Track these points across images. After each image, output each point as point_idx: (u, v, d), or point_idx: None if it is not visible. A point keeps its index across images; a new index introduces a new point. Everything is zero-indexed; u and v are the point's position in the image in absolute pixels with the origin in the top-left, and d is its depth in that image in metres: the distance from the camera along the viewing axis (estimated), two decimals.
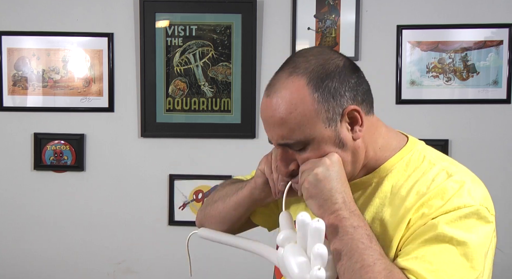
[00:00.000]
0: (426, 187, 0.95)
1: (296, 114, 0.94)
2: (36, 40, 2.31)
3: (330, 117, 0.94)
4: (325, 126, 0.94)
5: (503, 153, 2.28)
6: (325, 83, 0.94)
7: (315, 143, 0.95)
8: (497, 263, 2.43)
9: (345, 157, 0.96)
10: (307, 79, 0.94)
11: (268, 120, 0.98)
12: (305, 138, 0.95)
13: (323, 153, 0.95)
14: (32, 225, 2.36)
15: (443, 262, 0.88)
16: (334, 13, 2.28)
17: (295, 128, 0.94)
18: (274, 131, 0.97)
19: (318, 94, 0.93)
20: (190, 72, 2.30)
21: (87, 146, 2.34)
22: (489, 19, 2.25)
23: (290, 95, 0.94)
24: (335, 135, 0.95)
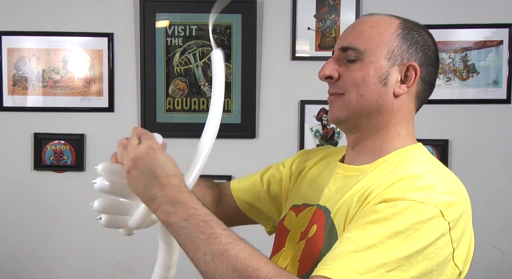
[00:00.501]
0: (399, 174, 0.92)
1: (376, 28, 1.01)
2: (36, 40, 2.31)
3: (395, 54, 0.99)
4: (386, 56, 0.99)
5: (503, 153, 2.28)
6: (412, 32, 1.02)
7: (368, 62, 0.99)
8: (497, 263, 2.45)
9: (378, 95, 0.99)
10: (401, 21, 1.05)
11: (350, 27, 1.05)
12: (365, 50, 0.99)
13: (365, 74, 0.98)
14: (32, 225, 2.36)
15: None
16: (334, 13, 2.28)
17: (365, 37, 1.00)
18: (349, 34, 1.02)
19: (403, 32, 1.01)
20: (190, 72, 2.30)
21: (87, 146, 2.34)
22: (489, 19, 2.25)
23: (382, 19, 1.04)
24: (386, 70, 0.99)
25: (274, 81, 2.30)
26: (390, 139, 1.02)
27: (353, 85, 0.99)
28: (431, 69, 1.03)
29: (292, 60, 2.28)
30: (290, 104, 2.30)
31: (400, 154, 1.00)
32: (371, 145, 1.02)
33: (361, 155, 1.03)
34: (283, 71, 2.29)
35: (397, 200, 0.86)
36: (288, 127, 2.31)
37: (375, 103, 0.99)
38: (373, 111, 0.99)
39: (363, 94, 0.99)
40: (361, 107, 0.99)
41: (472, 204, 1.00)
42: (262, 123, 2.31)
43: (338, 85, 1.01)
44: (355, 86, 0.99)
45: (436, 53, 1.04)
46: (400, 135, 1.02)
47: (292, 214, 1.11)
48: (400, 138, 1.02)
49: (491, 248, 2.25)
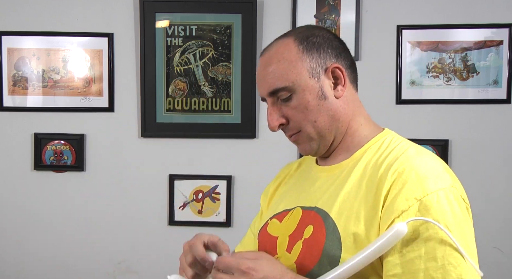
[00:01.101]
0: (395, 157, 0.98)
1: (282, 61, 1.04)
2: (36, 40, 2.31)
3: (314, 68, 1.04)
4: (309, 75, 1.03)
5: (503, 153, 2.28)
6: (310, 39, 1.06)
7: (300, 91, 1.03)
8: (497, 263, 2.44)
9: (326, 111, 1.04)
10: (294, 37, 1.07)
11: (260, 74, 1.08)
12: (292, 83, 1.03)
13: (306, 104, 1.03)
14: (32, 225, 2.36)
15: None
16: (334, 13, 2.28)
17: (282, 74, 1.03)
18: (265, 81, 1.06)
19: (303, 46, 1.05)
20: (190, 72, 2.30)
21: (87, 146, 2.34)
22: (489, 19, 2.25)
23: (278, 48, 1.06)
24: (318, 86, 1.04)
25: None
26: (356, 131, 1.08)
27: (302, 119, 1.04)
28: (345, 54, 1.08)
29: None
30: None
31: (375, 142, 1.06)
32: (342, 145, 1.08)
33: (337, 155, 1.09)
34: None
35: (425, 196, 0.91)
36: None
37: (329, 118, 1.05)
38: (332, 124, 1.05)
39: (315, 119, 1.04)
40: (321, 130, 1.05)
41: (472, 204, 1.01)
42: (262, 123, 2.31)
43: (291, 128, 1.06)
44: (304, 119, 1.04)
45: (337, 38, 1.10)
46: (362, 124, 1.09)
47: (275, 221, 1.13)
48: (363, 126, 1.08)
49: (491, 248, 2.25)
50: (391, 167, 0.96)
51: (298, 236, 1.04)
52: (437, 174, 0.94)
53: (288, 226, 1.08)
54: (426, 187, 0.91)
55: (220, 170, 2.33)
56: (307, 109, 1.03)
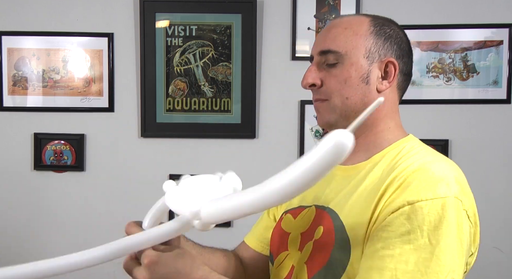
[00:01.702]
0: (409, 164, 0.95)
1: (350, 29, 1.02)
2: (36, 40, 2.31)
3: (372, 52, 1.02)
4: (365, 55, 1.02)
5: (503, 153, 2.28)
6: (384, 27, 1.04)
7: (348, 63, 1.01)
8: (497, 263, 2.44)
9: (362, 95, 1.01)
10: (371, 18, 1.06)
11: (322, 32, 1.06)
12: (345, 52, 1.01)
13: (348, 77, 1.01)
14: (32, 225, 2.36)
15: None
16: (334, 13, 2.28)
17: (342, 39, 1.02)
18: (323, 39, 1.04)
19: (375, 29, 1.03)
20: (190, 72, 2.30)
21: (87, 146, 2.34)
22: (489, 19, 2.25)
23: (352, 19, 1.05)
24: (366, 69, 1.02)
25: (274, 81, 2.30)
26: (381, 133, 1.05)
27: (336, 90, 1.02)
28: (407, 60, 1.06)
29: (292, 60, 2.28)
30: (290, 104, 2.30)
31: (396, 147, 1.03)
32: (363, 142, 1.04)
33: (355, 153, 1.02)
34: (283, 71, 2.29)
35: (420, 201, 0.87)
36: (288, 127, 2.31)
37: (361, 103, 1.02)
38: (360, 110, 1.00)
39: (348, 96, 1.02)
40: (348, 109, 1.02)
41: None
42: (262, 123, 2.31)
43: (322, 92, 1.04)
44: (338, 90, 1.02)
45: (409, 43, 1.08)
46: (390, 127, 1.06)
47: (289, 217, 1.11)
48: (390, 130, 1.06)
49: (491, 248, 2.25)
50: (401, 173, 0.93)
51: (310, 236, 1.03)
52: (444, 182, 0.90)
53: (302, 224, 1.07)
54: (424, 194, 0.88)
55: (220, 170, 2.32)
56: (346, 83, 1.01)
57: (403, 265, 0.84)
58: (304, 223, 1.06)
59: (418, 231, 0.86)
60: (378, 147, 1.03)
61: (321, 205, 1.04)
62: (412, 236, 0.86)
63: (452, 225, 0.87)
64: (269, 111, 2.31)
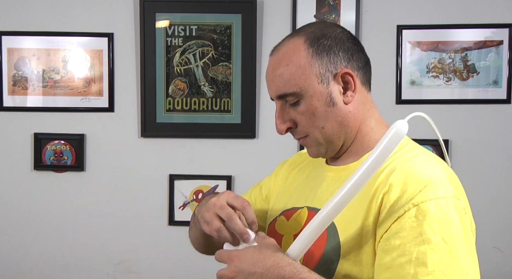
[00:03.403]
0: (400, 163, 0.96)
1: (291, 65, 1.01)
2: (36, 40, 2.31)
3: (323, 73, 1.01)
4: (318, 81, 1.01)
5: (503, 153, 2.28)
6: (320, 41, 1.02)
7: (308, 97, 1.01)
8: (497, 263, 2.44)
9: (334, 117, 1.02)
10: (305, 37, 1.02)
11: (269, 75, 1.05)
12: (300, 89, 1.00)
13: (314, 110, 1.01)
14: (32, 225, 2.36)
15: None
16: (334, 13, 2.28)
17: (290, 79, 1.01)
18: (274, 83, 1.03)
19: (313, 49, 1.01)
20: (190, 72, 2.30)
21: (87, 146, 2.34)
22: (489, 19, 2.25)
23: (287, 50, 1.03)
24: (327, 92, 1.01)
25: None
26: (366, 135, 1.05)
27: (310, 125, 1.03)
28: (358, 55, 1.04)
29: None
30: None
31: None
32: (352, 149, 1.06)
33: (346, 158, 1.07)
34: None
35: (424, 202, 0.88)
36: None
37: (337, 124, 1.02)
38: (341, 129, 1.03)
39: (323, 125, 1.02)
40: (328, 135, 1.03)
41: (472, 204, 1.01)
42: (262, 123, 2.31)
43: (299, 131, 1.05)
44: (312, 125, 1.02)
45: (351, 36, 1.06)
46: (372, 127, 1.06)
47: (283, 219, 1.12)
48: (374, 130, 1.06)
49: (491, 248, 2.25)
50: (393, 173, 0.94)
51: None
52: (440, 183, 0.91)
53: (294, 225, 1.07)
54: (425, 194, 0.89)
55: (220, 170, 2.33)
56: (315, 116, 1.01)
57: (423, 268, 0.85)
58: (296, 225, 1.07)
59: (429, 231, 0.86)
60: (367, 148, 1.04)
61: (313, 207, 1.05)
62: (425, 237, 0.86)
63: (458, 224, 0.88)
64: (269, 111, 2.31)
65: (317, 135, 1.03)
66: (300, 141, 1.07)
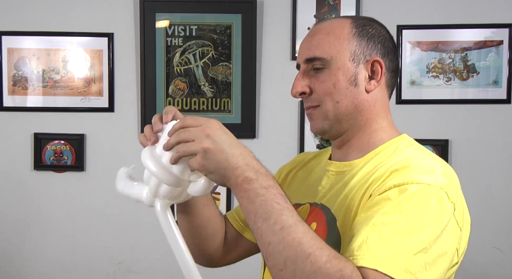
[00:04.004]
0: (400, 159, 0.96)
1: (331, 34, 1.03)
2: (36, 40, 2.31)
3: (357, 54, 1.03)
4: (350, 58, 1.02)
5: (503, 153, 2.28)
6: (366, 28, 1.05)
7: (335, 68, 1.02)
8: (497, 263, 2.44)
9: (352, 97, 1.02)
10: (352, 20, 1.06)
11: (305, 40, 1.07)
12: (330, 58, 1.02)
13: (336, 81, 1.01)
14: (32, 225, 2.36)
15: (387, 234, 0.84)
16: (334, 13, 2.28)
17: (325, 44, 1.03)
18: (307, 47, 1.05)
19: (357, 30, 1.04)
20: (190, 72, 2.30)
21: (87, 146, 2.34)
22: (489, 19, 2.25)
23: (332, 23, 1.06)
24: (354, 71, 1.02)
25: (274, 81, 2.30)
26: (374, 132, 1.05)
27: (326, 95, 1.02)
28: (392, 57, 1.07)
29: (292, 60, 2.28)
30: (290, 104, 2.30)
31: (390, 145, 1.03)
32: (357, 143, 1.05)
33: (349, 153, 1.06)
34: (283, 71, 2.29)
35: (407, 184, 0.88)
36: (288, 127, 2.31)
37: (352, 105, 1.03)
38: (352, 113, 1.03)
39: (338, 100, 1.02)
40: (339, 113, 1.03)
41: (472, 204, 1.00)
42: (262, 123, 2.31)
43: (312, 99, 1.04)
44: (328, 95, 1.02)
45: (392, 40, 1.08)
46: (383, 127, 1.06)
47: None
48: (383, 129, 1.06)
49: (491, 248, 2.25)
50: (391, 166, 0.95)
51: None
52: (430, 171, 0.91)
53: None
54: (410, 178, 0.89)
55: None
56: (334, 87, 1.02)
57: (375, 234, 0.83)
58: None
59: (397, 207, 0.86)
60: (372, 145, 1.04)
61: (314, 202, 1.06)
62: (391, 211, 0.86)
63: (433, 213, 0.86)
64: (269, 111, 2.31)
65: (329, 107, 1.03)
66: (309, 111, 1.06)
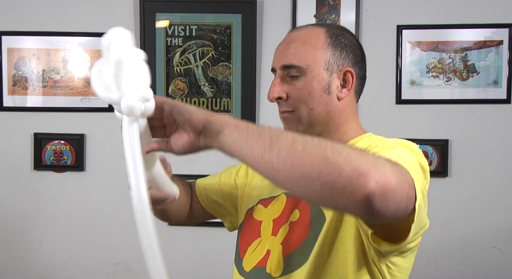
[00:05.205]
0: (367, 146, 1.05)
1: (308, 44, 1.08)
2: (36, 40, 2.31)
3: (331, 63, 1.08)
4: (324, 67, 1.08)
5: (503, 153, 2.28)
6: (339, 38, 1.10)
7: (310, 76, 1.07)
8: (497, 263, 2.44)
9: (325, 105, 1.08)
10: (326, 29, 1.11)
11: (281, 46, 1.11)
12: (306, 66, 1.07)
13: (311, 90, 1.07)
14: (32, 225, 2.36)
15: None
16: (334, 13, 2.28)
17: (301, 54, 1.08)
18: (283, 54, 1.09)
19: (331, 40, 1.09)
20: (190, 72, 2.30)
21: (87, 146, 2.34)
22: (489, 19, 2.25)
23: (307, 32, 1.10)
24: (327, 80, 1.08)
25: None
26: (344, 134, 1.12)
27: (301, 101, 1.08)
28: (362, 65, 1.14)
29: None
30: None
31: (361, 139, 1.11)
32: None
33: None
34: None
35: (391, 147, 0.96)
36: None
37: (324, 112, 1.09)
38: (324, 118, 1.09)
39: (313, 107, 1.08)
40: (313, 118, 1.09)
41: (472, 204, 1.01)
42: (262, 123, 2.31)
43: (288, 104, 1.10)
44: (303, 102, 1.08)
45: (361, 48, 1.15)
46: (352, 128, 1.13)
47: (260, 207, 1.18)
48: (352, 130, 1.13)
49: (491, 248, 2.25)
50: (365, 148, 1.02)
51: (283, 221, 1.10)
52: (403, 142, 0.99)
53: (272, 211, 1.14)
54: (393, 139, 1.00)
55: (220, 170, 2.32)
56: (310, 95, 1.07)
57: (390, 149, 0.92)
58: (274, 211, 1.13)
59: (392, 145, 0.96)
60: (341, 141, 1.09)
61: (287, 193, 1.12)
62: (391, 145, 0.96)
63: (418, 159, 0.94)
64: (269, 111, 2.31)
65: (303, 113, 1.08)
66: (284, 115, 1.11)
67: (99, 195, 2.35)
